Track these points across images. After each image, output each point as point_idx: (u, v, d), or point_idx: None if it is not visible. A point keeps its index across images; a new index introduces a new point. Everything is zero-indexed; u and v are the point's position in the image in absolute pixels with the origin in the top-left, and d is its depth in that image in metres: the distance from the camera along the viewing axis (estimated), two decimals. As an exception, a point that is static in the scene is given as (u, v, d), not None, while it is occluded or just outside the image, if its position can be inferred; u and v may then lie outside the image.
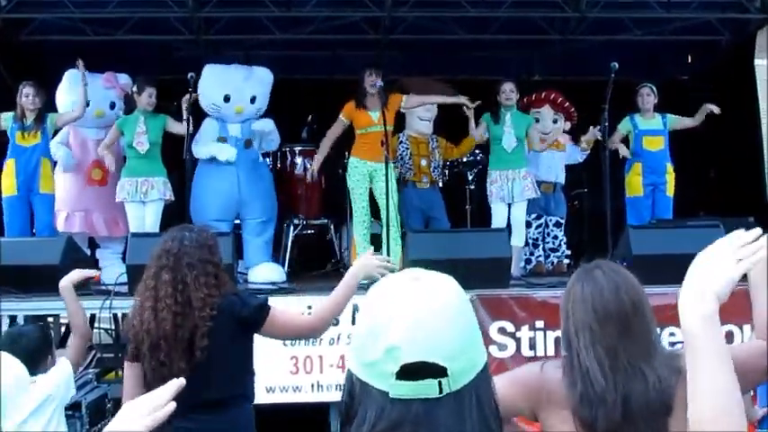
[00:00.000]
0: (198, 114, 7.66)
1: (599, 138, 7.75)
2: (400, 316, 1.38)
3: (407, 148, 8.39)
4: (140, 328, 3.44)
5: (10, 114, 7.54)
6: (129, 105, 7.90)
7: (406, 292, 1.42)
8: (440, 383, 1.35)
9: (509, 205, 7.81)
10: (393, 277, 1.48)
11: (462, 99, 7.74)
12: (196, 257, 3.51)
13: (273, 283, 7.20)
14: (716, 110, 7.96)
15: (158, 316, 3.41)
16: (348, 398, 1.43)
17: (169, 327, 3.40)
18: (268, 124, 8.02)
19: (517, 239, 7.83)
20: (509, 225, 7.75)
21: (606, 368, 2.33)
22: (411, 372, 1.35)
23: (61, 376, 4.14)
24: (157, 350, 3.40)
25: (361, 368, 1.40)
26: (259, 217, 7.90)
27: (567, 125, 8.83)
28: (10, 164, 7.50)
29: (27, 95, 7.48)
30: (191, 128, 7.19)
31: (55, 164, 7.84)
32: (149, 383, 3.45)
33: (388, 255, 7.13)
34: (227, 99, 7.91)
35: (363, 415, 1.38)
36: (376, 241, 7.65)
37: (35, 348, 4.02)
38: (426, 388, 1.35)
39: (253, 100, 7.99)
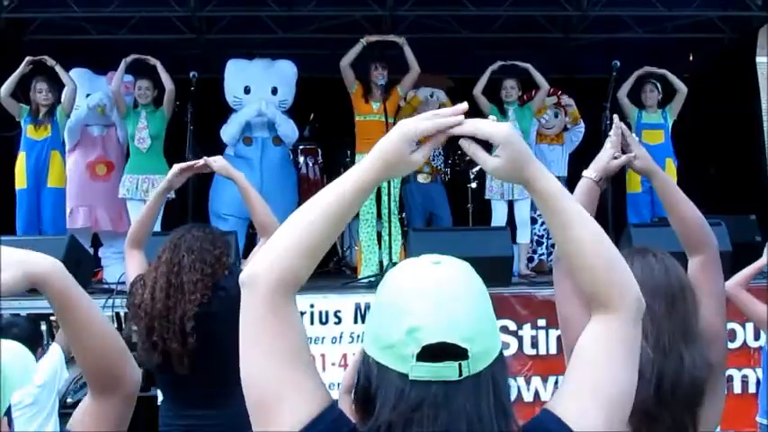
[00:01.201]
0: (203, 117, 7.66)
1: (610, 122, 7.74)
2: (421, 297, 1.39)
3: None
4: (138, 307, 3.48)
5: (26, 108, 7.62)
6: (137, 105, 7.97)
7: (427, 274, 1.43)
8: (460, 366, 1.36)
9: (510, 203, 7.82)
10: (412, 261, 1.48)
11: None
12: (197, 245, 3.55)
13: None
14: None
15: (153, 295, 3.45)
16: (366, 381, 1.42)
17: (161, 306, 3.43)
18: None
19: (523, 237, 7.85)
20: (510, 222, 7.76)
21: (648, 341, 2.31)
22: (432, 353, 1.35)
23: (53, 363, 4.18)
24: (151, 332, 3.43)
25: (379, 351, 1.40)
26: None
27: (568, 119, 8.86)
28: (21, 156, 7.57)
29: (41, 91, 7.54)
30: (191, 127, 7.22)
31: (65, 157, 7.87)
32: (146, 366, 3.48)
33: (390, 252, 7.16)
34: (247, 91, 7.94)
35: (383, 398, 1.38)
36: (378, 239, 7.67)
37: (26, 338, 4.05)
38: (446, 370, 1.36)
39: (274, 91, 7.99)
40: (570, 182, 8.64)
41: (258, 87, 7.94)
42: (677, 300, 2.39)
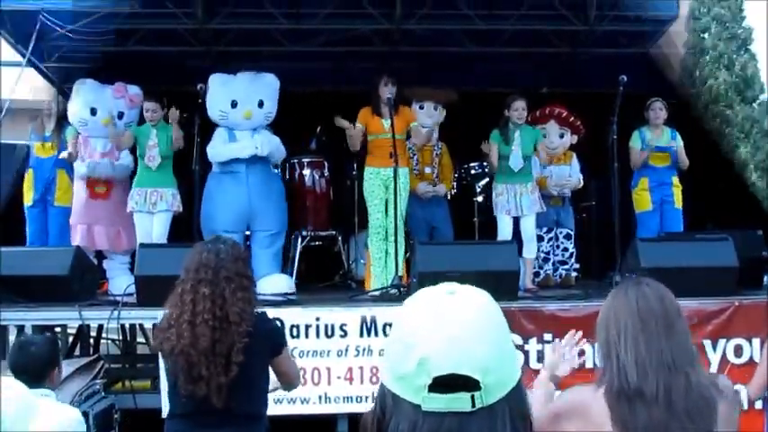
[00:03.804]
0: (210, 128, 7.68)
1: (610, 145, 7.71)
2: (433, 328, 1.37)
3: (414, 155, 8.34)
4: (177, 343, 3.41)
5: (30, 125, 7.61)
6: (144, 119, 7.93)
7: (440, 304, 1.41)
8: (472, 397, 1.34)
9: (516, 218, 7.79)
10: (428, 290, 1.46)
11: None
12: (233, 271, 3.48)
13: (282, 294, 7.17)
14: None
15: (196, 330, 3.38)
16: (380, 412, 1.41)
17: (207, 342, 3.36)
18: (273, 141, 7.98)
19: (528, 251, 7.81)
20: (516, 237, 7.73)
21: (647, 364, 2.38)
22: (443, 384, 1.33)
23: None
24: (195, 366, 3.38)
25: (393, 381, 1.39)
26: (269, 229, 7.85)
27: (575, 138, 8.77)
28: (29, 174, 7.57)
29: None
30: (198, 139, 7.21)
31: (72, 175, 7.87)
32: (183, 396, 3.44)
33: (396, 266, 7.15)
34: (234, 105, 7.89)
35: (395, 429, 1.36)
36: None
37: (45, 357, 4.00)
38: (459, 401, 1.34)
39: (261, 104, 7.95)
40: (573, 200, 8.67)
41: (245, 101, 7.89)
42: (675, 321, 2.45)
